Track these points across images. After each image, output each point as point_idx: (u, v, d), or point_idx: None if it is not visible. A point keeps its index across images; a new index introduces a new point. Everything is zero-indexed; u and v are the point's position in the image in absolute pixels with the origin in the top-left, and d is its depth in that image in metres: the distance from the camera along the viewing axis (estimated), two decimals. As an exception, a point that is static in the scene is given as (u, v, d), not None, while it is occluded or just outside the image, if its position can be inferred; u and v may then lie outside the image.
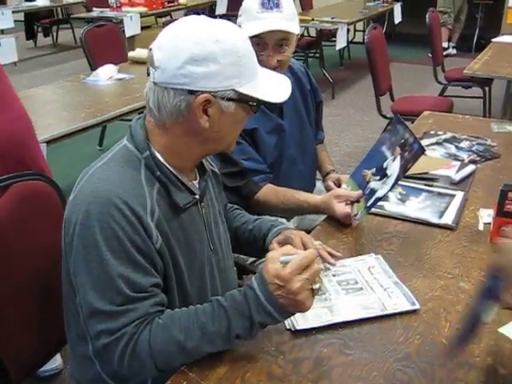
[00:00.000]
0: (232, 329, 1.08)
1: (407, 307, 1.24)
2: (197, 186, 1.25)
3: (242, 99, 1.12)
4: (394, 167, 1.54)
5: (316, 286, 1.05)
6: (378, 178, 1.59)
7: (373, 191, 1.59)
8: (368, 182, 1.63)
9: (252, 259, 1.81)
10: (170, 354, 1.07)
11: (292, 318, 1.17)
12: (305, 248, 1.32)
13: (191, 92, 1.09)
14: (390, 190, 1.54)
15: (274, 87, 1.19)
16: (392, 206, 1.69)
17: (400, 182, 1.61)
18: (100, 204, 1.07)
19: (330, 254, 1.42)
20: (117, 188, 1.09)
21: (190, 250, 1.22)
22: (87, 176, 1.14)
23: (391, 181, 1.53)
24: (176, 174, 1.18)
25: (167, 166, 1.17)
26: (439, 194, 1.78)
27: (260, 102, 1.14)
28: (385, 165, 1.58)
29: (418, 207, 1.70)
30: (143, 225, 1.09)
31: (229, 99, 1.11)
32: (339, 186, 1.87)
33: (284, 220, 1.92)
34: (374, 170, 1.63)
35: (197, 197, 1.24)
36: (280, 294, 1.04)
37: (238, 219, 1.50)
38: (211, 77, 1.08)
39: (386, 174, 1.57)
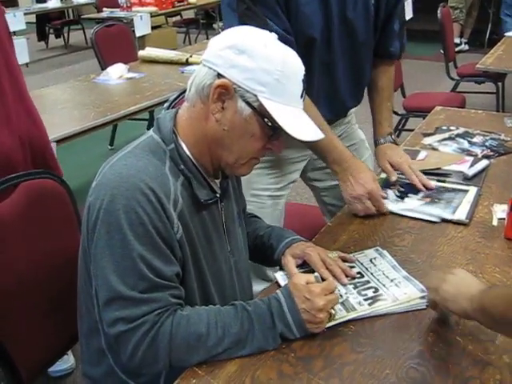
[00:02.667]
0: (252, 334, 1.08)
1: (417, 294, 1.23)
2: (218, 185, 1.25)
3: (260, 112, 1.11)
4: (412, 202, 1.67)
5: (333, 311, 1.14)
6: (399, 194, 1.71)
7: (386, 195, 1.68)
8: (389, 187, 1.74)
9: None
10: (188, 347, 1.06)
11: None
12: (324, 264, 1.30)
13: (219, 75, 1.10)
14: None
15: (300, 123, 1.15)
16: (391, 204, 1.66)
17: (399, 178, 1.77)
18: (125, 189, 1.06)
19: (344, 271, 1.32)
20: (142, 174, 1.08)
21: (210, 247, 1.22)
22: (111, 162, 1.14)
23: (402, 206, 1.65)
24: (200, 169, 1.18)
25: (192, 159, 1.17)
26: (441, 190, 1.74)
27: (276, 125, 1.11)
28: (410, 195, 1.71)
29: (417, 204, 1.66)
30: (166, 213, 1.09)
31: (247, 103, 1.10)
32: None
33: None
34: (402, 189, 1.74)
35: (218, 195, 1.23)
36: (304, 308, 1.10)
37: (251, 225, 1.48)
38: (241, 70, 1.09)
39: (405, 196, 1.70)
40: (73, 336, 1.37)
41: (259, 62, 1.08)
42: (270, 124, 1.12)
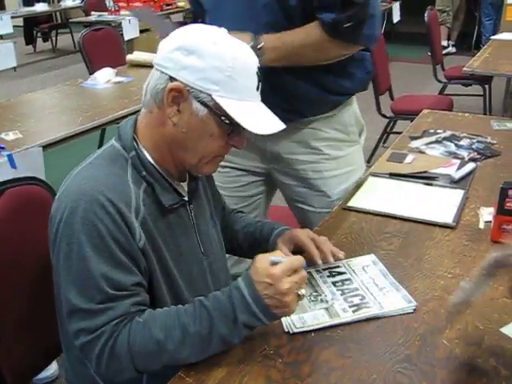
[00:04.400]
0: (214, 330, 1.05)
1: (404, 305, 1.23)
2: (186, 188, 1.24)
3: (216, 111, 1.10)
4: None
5: (302, 292, 1.07)
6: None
7: None
8: None
9: None
10: (149, 354, 1.05)
11: (290, 320, 1.17)
12: (315, 243, 1.30)
13: (171, 78, 1.09)
14: None
15: (257, 116, 1.13)
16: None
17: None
18: (84, 202, 1.06)
19: (333, 253, 1.33)
20: (101, 185, 1.08)
21: (179, 252, 1.21)
22: (73, 175, 1.14)
23: None
24: (163, 174, 1.17)
25: (154, 165, 1.16)
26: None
27: (233, 122, 1.10)
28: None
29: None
30: (126, 223, 1.08)
31: (202, 103, 1.09)
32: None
33: None
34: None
35: (185, 198, 1.23)
36: (267, 294, 1.04)
37: (239, 222, 1.48)
38: (192, 71, 1.08)
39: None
40: (59, 344, 1.36)
41: (209, 61, 1.07)
42: (227, 121, 1.11)
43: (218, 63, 1.08)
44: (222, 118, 1.10)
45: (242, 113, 1.10)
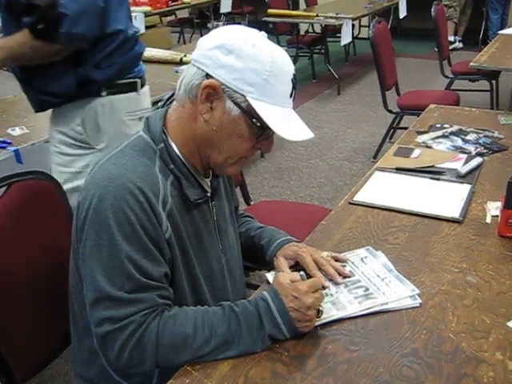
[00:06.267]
0: (240, 335, 1.08)
1: (407, 293, 1.24)
2: (209, 184, 1.25)
3: (249, 112, 1.09)
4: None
5: (321, 308, 1.14)
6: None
7: None
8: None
9: None
10: (175, 348, 1.06)
11: None
12: (317, 265, 1.29)
13: (207, 76, 1.09)
14: None
15: (289, 123, 1.13)
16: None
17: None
18: (114, 188, 1.06)
19: (337, 270, 1.31)
20: (131, 173, 1.08)
21: (201, 246, 1.21)
22: (101, 162, 1.14)
23: None
24: (190, 169, 1.18)
25: (182, 159, 1.16)
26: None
27: (264, 126, 1.10)
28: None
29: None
30: (155, 213, 1.09)
31: (235, 103, 1.09)
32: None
33: None
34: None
35: (208, 194, 1.23)
36: (292, 307, 1.09)
37: (243, 225, 1.48)
38: (229, 70, 1.08)
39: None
40: (68, 337, 1.37)
41: (247, 62, 1.07)
42: (258, 124, 1.10)
43: (256, 66, 1.08)
44: (254, 120, 1.10)
45: (274, 117, 1.10)
